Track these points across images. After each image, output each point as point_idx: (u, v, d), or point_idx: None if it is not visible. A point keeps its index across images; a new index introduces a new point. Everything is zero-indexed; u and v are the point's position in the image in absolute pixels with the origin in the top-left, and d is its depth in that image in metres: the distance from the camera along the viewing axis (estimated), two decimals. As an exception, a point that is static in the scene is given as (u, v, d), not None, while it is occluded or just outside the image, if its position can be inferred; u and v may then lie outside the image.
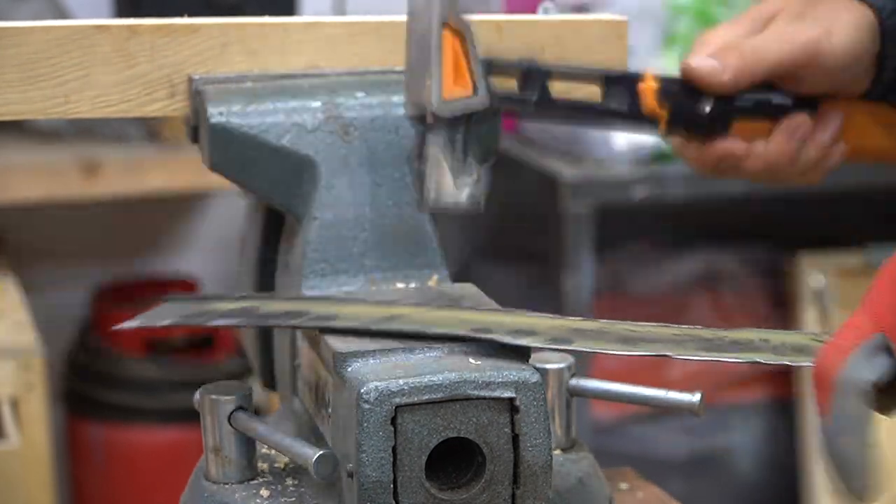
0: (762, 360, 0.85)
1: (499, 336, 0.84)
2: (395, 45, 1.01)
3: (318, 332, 0.87)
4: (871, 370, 0.74)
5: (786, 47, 1.03)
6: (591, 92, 1.02)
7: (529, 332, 0.86)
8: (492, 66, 0.96)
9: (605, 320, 0.89)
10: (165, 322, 0.91)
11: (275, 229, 1.02)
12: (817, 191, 2.47)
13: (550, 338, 0.86)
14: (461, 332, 0.85)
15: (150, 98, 0.99)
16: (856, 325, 0.77)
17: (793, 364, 0.84)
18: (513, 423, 0.81)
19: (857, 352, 0.75)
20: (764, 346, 0.86)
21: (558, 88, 0.99)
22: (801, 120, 1.05)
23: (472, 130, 0.93)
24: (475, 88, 0.93)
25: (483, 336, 0.84)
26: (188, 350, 2.55)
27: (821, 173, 1.08)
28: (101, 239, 2.76)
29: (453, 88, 0.92)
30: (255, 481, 0.89)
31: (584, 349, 0.85)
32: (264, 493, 0.88)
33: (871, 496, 0.74)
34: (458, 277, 0.99)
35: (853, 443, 0.74)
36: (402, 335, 0.85)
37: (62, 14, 2.40)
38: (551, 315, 0.89)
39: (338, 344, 0.84)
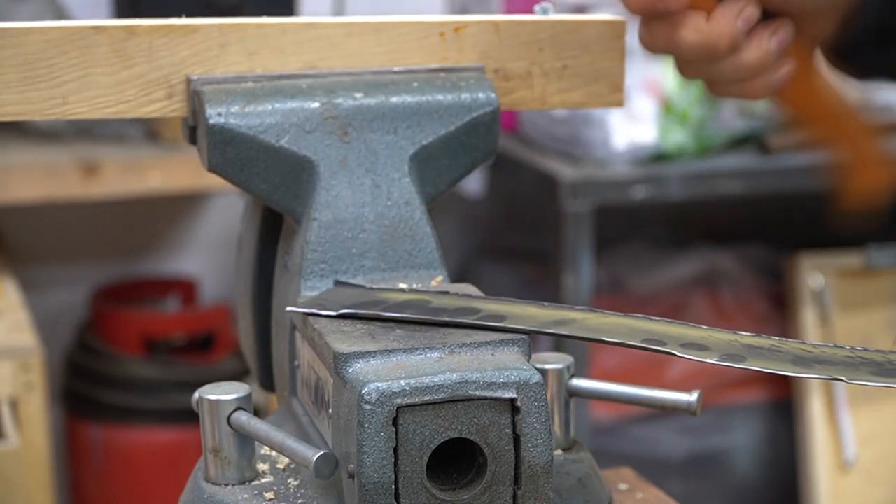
0: None
1: (672, 349, 0.83)
2: (395, 45, 1.01)
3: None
4: None
5: None
6: None
7: (703, 347, 0.84)
8: None
9: (777, 338, 0.86)
10: (337, 312, 0.89)
11: (272, 229, 1.02)
12: (817, 191, 2.48)
13: (724, 354, 0.84)
14: (633, 342, 0.84)
15: (148, 99, 0.99)
16: None
17: None
18: (514, 424, 0.81)
19: None
20: None
21: None
22: (747, 6, 0.96)
23: None
24: None
25: (656, 348, 0.83)
26: (187, 350, 2.55)
27: (760, 88, 1.00)
28: (101, 239, 2.76)
29: None
30: (256, 482, 0.89)
31: (758, 368, 0.83)
32: (269, 494, 0.87)
33: None
34: (458, 277, 0.99)
35: None
36: (573, 339, 0.85)
37: (61, 14, 2.40)
38: (724, 329, 0.87)
39: (338, 344, 0.84)
